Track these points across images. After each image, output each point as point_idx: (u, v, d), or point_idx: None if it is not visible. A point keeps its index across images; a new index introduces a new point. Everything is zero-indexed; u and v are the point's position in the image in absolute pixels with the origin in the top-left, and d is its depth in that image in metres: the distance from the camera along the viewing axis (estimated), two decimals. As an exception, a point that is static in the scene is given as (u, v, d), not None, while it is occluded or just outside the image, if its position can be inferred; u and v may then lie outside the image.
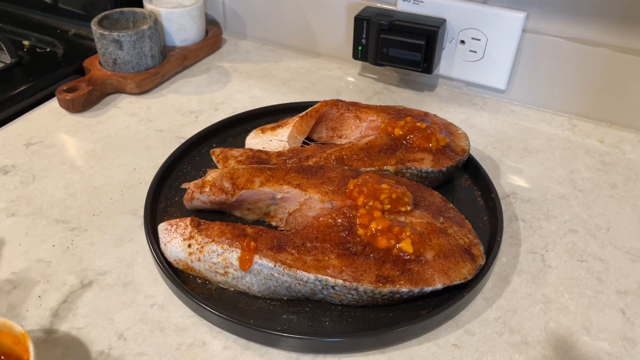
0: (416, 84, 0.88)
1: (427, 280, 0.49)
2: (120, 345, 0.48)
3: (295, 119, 0.68)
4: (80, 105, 0.78)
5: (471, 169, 0.66)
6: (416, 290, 0.48)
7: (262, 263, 0.49)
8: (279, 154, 0.64)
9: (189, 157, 0.68)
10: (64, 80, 0.83)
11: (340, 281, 0.47)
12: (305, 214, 0.55)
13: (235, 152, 0.65)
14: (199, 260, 0.51)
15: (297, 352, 0.47)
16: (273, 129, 0.69)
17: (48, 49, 0.91)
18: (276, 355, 0.47)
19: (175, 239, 0.53)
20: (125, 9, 0.86)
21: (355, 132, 0.69)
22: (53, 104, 0.80)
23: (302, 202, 0.56)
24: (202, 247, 0.51)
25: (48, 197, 0.64)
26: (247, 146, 0.69)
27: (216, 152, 0.65)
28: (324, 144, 0.71)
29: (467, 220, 0.56)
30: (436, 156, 0.62)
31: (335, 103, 0.70)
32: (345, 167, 0.60)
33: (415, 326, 0.48)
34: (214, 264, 0.51)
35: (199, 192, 0.58)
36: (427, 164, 0.61)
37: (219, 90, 0.85)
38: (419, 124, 0.64)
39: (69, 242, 0.58)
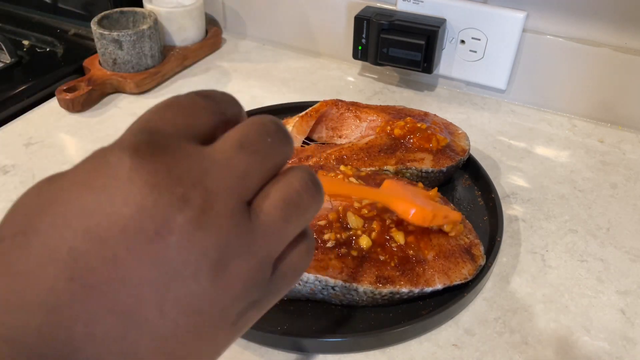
0: (416, 84, 0.88)
1: (427, 280, 0.49)
2: (120, 345, 0.47)
3: (295, 119, 0.68)
4: (80, 105, 0.78)
5: (471, 169, 0.66)
6: (416, 290, 0.48)
7: (262, 263, 0.49)
8: (279, 154, 0.64)
9: (189, 157, 0.68)
10: (64, 80, 0.83)
11: (340, 281, 0.47)
12: (305, 214, 0.55)
13: (235, 152, 0.65)
14: (199, 260, 0.51)
15: (297, 352, 0.47)
16: (273, 129, 0.68)
17: (48, 49, 0.91)
18: (276, 355, 0.47)
19: (175, 239, 0.52)
20: (125, 9, 0.85)
21: (355, 132, 0.69)
22: (53, 103, 0.80)
23: (302, 202, 0.56)
24: (202, 247, 0.51)
25: (48, 197, 0.64)
26: (247, 146, 0.69)
27: (216, 152, 0.65)
28: (324, 144, 0.71)
29: (467, 220, 0.56)
30: (436, 156, 0.62)
31: (335, 103, 0.70)
32: (345, 167, 0.60)
33: (415, 326, 0.48)
34: (214, 264, 0.50)
35: (199, 192, 0.58)
36: (427, 164, 0.61)
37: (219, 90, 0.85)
38: (419, 124, 0.64)
39: (68, 242, 0.58)
